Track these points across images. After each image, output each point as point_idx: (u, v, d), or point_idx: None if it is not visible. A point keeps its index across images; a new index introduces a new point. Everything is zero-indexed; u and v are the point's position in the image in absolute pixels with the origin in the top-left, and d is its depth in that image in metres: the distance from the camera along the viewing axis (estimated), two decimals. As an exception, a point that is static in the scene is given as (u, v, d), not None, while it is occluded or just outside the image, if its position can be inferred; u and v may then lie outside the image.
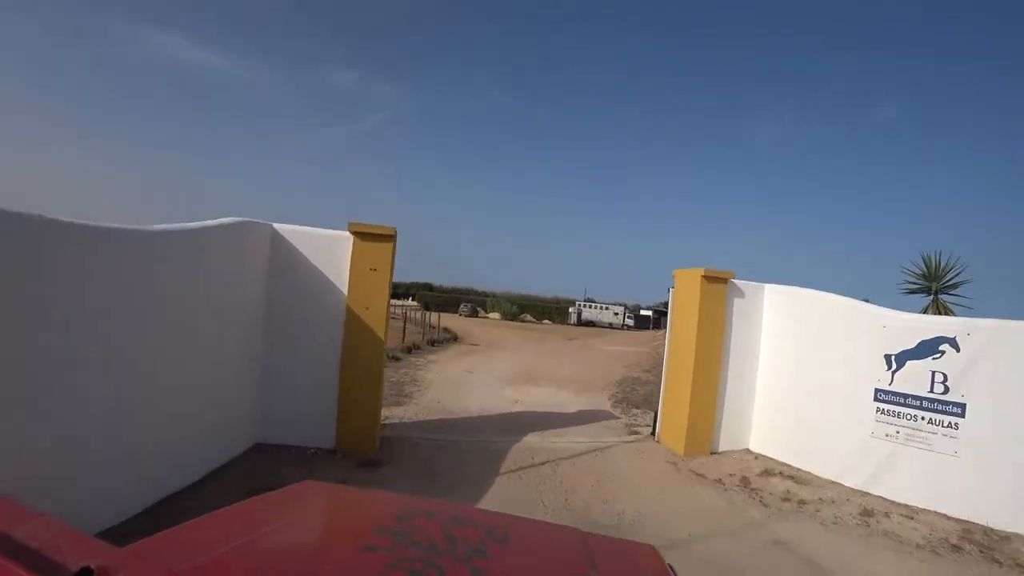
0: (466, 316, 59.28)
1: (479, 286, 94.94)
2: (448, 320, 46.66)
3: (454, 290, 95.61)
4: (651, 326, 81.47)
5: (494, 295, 78.02)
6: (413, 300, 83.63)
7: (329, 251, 7.24)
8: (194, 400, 5.46)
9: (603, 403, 13.01)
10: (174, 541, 1.25)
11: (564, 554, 1.49)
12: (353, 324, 7.21)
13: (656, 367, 20.51)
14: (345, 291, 7.24)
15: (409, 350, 18.21)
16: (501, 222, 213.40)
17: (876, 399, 7.18)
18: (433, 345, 22.14)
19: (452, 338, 26.97)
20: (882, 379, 7.16)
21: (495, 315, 63.41)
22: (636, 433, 10.02)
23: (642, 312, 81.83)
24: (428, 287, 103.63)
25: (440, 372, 15.43)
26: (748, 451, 9.00)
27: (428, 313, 36.62)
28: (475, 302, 69.59)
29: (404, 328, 24.69)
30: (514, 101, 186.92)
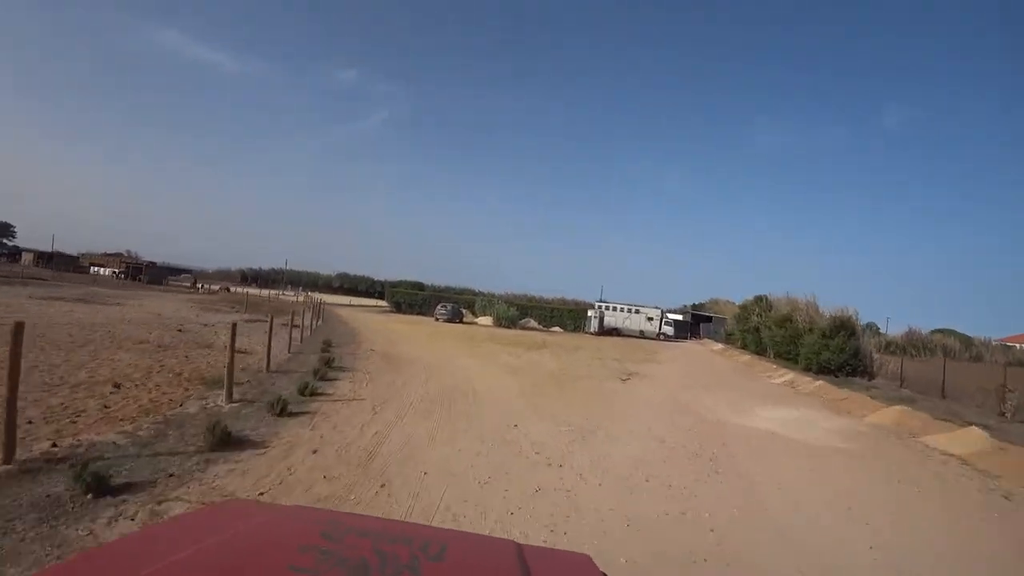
0: (444, 321, 39.80)
1: (479, 287, 76.11)
2: (411, 329, 28.53)
3: (447, 289, 78.01)
4: (688, 334, 61.94)
5: (491, 295, 58.34)
6: (382, 299, 65.41)
7: None
8: None
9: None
10: (87, 566, 1.15)
11: (500, 568, 1.33)
12: None
13: None
14: None
15: None
16: (504, 224, 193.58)
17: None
18: None
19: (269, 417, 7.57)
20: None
21: (486, 320, 43.88)
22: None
23: (671, 316, 62.01)
24: (419, 286, 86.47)
25: None
26: None
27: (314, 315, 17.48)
28: (460, 302, 50.02)
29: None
30: (515, 102, 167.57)
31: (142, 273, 61.99)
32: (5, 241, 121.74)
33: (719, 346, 45.53)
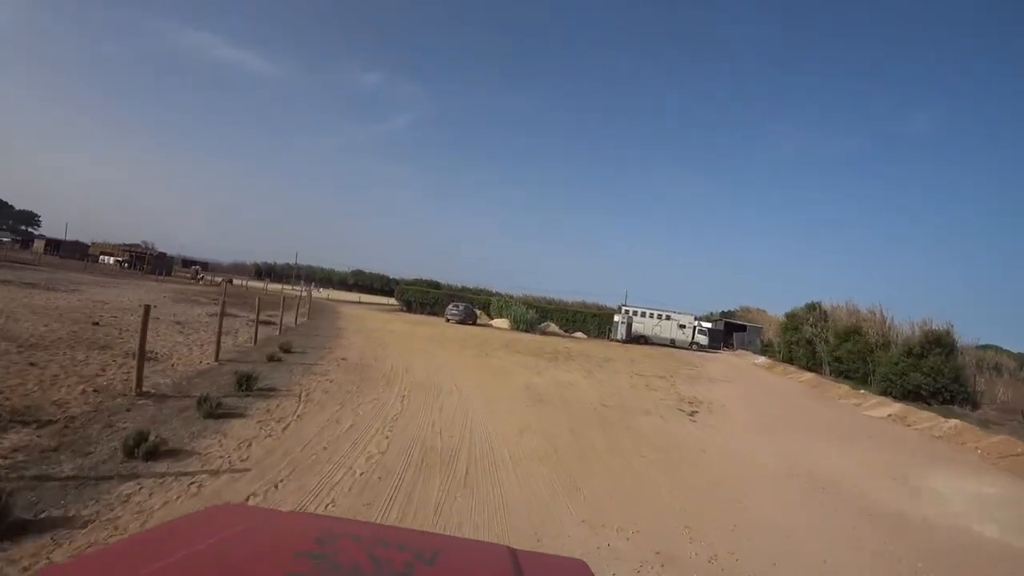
0: (455, 323, 35.37)
1: (497, 287, 71.99)
2: (413, 330, 23.23)
3: (463, 290, 74.08)
4: (721, 344, 56.48)
5: (509, 296, 53.83)
6: (393, 297, 61.34)
7: None
8: None
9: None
10: (78, 570, 1.14)
11: (494, 573, 1.32)
12: None
13: None
14: None
15: None
16: (520, 226, 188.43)
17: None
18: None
19: None
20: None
21: (502, 323, 39.31)
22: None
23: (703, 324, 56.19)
24: (435, 285, 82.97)
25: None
26: None
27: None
28: (475, 302, 45.64)
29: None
30: (527, 100, 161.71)
31: (144, 262, 59.13)
32: (31, 230, 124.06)
33: (761, 359, 40.19)
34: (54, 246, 72.34)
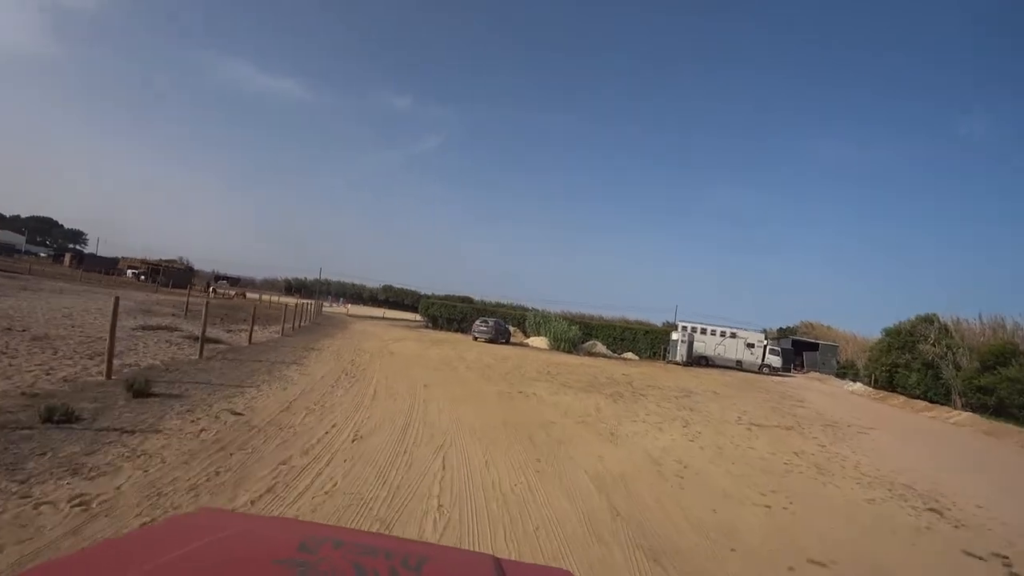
0: (484, 341, 29.49)
1: (531, 304, 66.26)
2: (425, 351, 17.75)
3: (498, 306, 68.63)
4: (792, 365, 48.70)
5: (544, 312, 47.56)
6: (417, 313, 56.09)
7: None
8: None
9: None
10: None
11: None
12: None
13: None
14: None
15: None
16: (555, 241, 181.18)
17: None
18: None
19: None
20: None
21: (540, 341, 33.06)
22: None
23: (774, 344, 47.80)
24: (467, 300, 78.19)
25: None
26: None
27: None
28: (507, 317, 39.63)
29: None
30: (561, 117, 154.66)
31: (160, 275, 57.19)
32: (79, 247, 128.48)
33: (857, 386, 32.73)
34: (79, 259, 71.74)
